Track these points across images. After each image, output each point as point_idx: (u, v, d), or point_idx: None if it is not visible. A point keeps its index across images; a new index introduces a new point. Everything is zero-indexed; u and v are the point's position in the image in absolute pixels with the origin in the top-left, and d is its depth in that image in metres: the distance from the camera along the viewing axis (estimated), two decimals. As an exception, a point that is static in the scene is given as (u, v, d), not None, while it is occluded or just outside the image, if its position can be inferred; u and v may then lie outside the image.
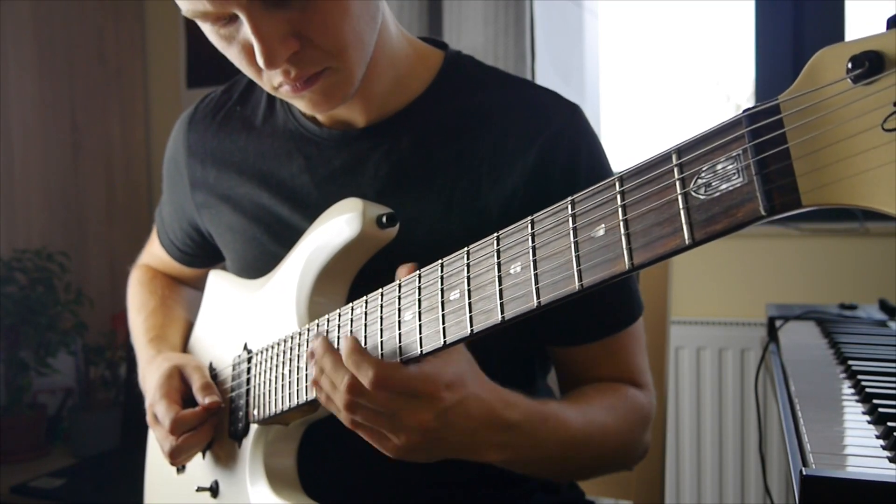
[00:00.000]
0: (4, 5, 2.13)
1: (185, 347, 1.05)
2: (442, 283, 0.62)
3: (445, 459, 0.72)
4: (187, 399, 0.89)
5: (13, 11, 2.16)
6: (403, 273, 0.68)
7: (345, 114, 0.87)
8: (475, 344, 0.67)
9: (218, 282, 1.02)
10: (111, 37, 2.45)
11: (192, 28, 2.51)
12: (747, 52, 1.97)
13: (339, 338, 0.72)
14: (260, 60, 0.71)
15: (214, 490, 0.91)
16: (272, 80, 0.76)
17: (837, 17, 1.88)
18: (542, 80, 2.01)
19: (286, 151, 0.91)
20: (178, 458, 0.88)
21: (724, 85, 2.12)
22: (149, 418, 0.90)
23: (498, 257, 0.57)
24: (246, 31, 0.71)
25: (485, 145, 0.83)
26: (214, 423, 0.89)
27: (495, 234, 0.58)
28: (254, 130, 0.94)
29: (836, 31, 1.87)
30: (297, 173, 0.89)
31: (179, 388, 0.90)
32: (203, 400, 0.86)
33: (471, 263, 0.59)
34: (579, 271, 0.51)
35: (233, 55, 0.76)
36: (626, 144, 2.21)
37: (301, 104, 0.81)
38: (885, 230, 1.77)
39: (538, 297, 0.53)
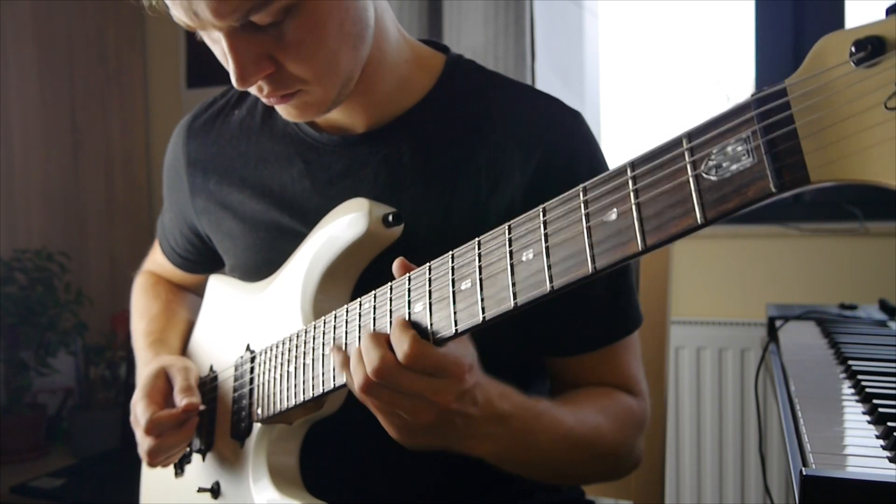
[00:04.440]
0: (4, 5, 2.13)
1: (185, 350, 1.05)
2: (453, 274, 0.62)
3: (444, 459, 0.73)
4: (170, 400, 0.89)
5: (13, 11, 2.16)
6: (398, 267, 0.67)
7: (345, 118, 0.87)
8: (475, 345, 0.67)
9: (218, 285, 1.02)
10: (111, 37, 2.45)
11: (192, 28, 2.51)
12: (747, 53, 1.97)
13: (346, 332, 0.72)
14: (233, 78, 0.72)
15: (216, 491, 0.91)
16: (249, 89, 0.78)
17: (838, 17, 1.88)
18: (541, 80, 2.01)
19: (286, 156, 0.91)
20: (155, 459, 0.88)
21: (724, 85, 2.13)
22: (131, 417, 0.90)
23: (510, 245, 0.57)
24: (225, 44, 0.72)
25: (484, 152, 0.83)
26: (195, 424, 0.89)
27: (507, 224, 0.58)
28: (253, 134, 0.94)
29: (836, 30, 1.87)
30: (297, 178, 0.89)
31: (163, 388, 0.90)
32: (180, 401, 0.86)
33: (482, 253, 0.60)
34: (592, 255, 0.51)
35: (218, 56, 0.77)
36: (625, 144, 2.21)
37: (279, 110, 0.82)
38: (885, 230, 1.77)
39: (551, 282, 0.54)
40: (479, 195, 0.82)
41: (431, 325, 0.63)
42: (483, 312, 0.59)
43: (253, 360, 0.88)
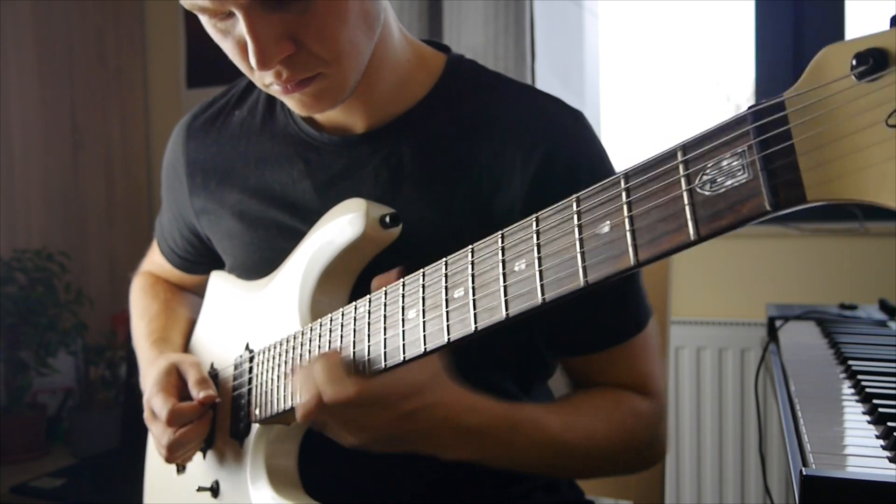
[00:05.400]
0: (4, 5, 2.13)
1: (187, 347, 1.05)
2: (446, 281, 0.62)
3: (441, 461, 0.73)
4: (184, 396, 0.89)
5: (13, 12, 2.16)
6: (376, 285, 0.71)
7: (345, 118, 0.87)
8: (471, 347, 0.67)
9: (219, 283, 1.02)
10: (111, 37, 2.45)
11: (192, 28, 2.51)
12: (747, 53, 1.97)
13: (341, 336, 0.72)
14: (253, 60, 0.71)
15: (215, 490, 0.91)
16: (263, 79, 0.76)
17: (838, 17, 1.88)
18: (541, 80, 2.01)
19: (286, 156, 0.90)
20: (175, 454, 0.87)
21: (724, 85, 2.13)
22: (146, 414, 0.90)
23: (502, 255, 0.57)
24: (242, 28, 0.70)
25: (485, 153, 0.82)
26: (210, 418, 0.89)
27: (500, 233, 0.58)
28: (253, 134, 0.94)
29: (836, 31, 1.87)
30: (298, 178, 0.89)
31: (176, 384, 0.90)
32: (198, 394, 0.86)
33: (475, 261, 0.60)
34: (584, 268, 0.51)
35: (227, 49, 0.76)
36: (625, 144, 2.21)
37: (291, 104, 0.81)
38: (885, 230, 1.77)
39: (543, 294, 0.53)
40: (480, 196, 0.82)
41: (403, 343, 0.65)
42: (475, 322, 0.59)
43: (251, 359, 0.88)
